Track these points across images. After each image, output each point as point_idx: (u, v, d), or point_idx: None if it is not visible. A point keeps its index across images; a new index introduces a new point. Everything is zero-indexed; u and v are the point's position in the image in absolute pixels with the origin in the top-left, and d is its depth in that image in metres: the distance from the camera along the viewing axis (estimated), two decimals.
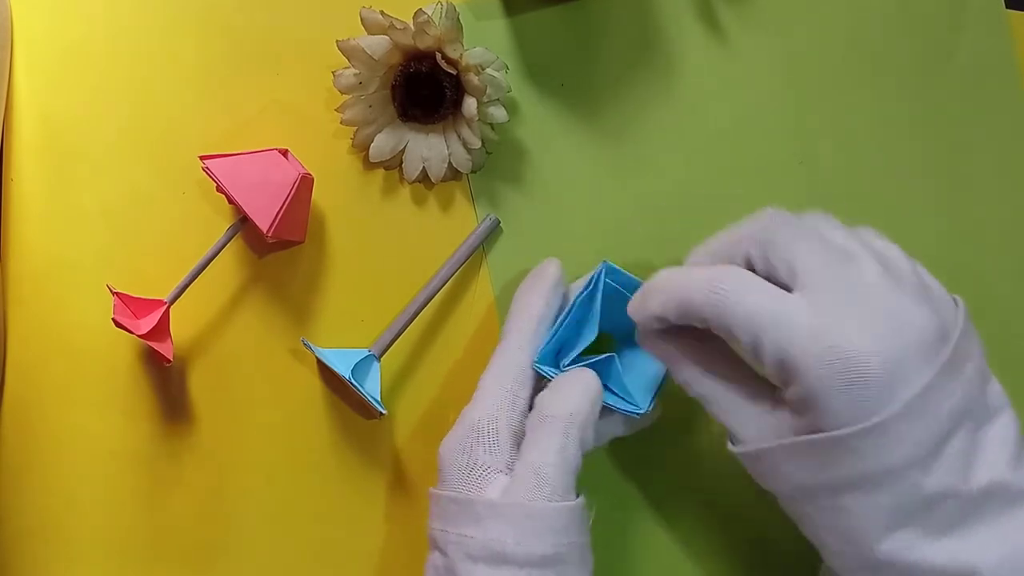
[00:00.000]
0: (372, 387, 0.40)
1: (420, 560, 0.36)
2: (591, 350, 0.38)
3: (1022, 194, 0.43)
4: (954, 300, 0.33)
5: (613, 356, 0.37)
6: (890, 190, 0.43)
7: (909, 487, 0.29)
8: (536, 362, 0.37)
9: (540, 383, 0.37)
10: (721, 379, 0.33)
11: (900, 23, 0.43)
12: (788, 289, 0.31)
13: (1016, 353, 0.42)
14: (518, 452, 0.35)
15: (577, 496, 0.34)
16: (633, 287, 0.36)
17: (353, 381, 0.38)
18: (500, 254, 0.44)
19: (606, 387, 0.37)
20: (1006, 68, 0.43)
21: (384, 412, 0.39)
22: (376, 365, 0.41)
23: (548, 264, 0.40)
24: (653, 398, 0.38)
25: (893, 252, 0.33)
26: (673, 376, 0.35)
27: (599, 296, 0.38)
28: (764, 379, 0.33)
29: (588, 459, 0.35)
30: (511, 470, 0.35)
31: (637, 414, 0.37)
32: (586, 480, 0.35)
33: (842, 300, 0.30)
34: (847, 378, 0.29)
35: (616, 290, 0.38)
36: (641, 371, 0.39)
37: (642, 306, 0.34)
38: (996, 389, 0.32)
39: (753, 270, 0.32)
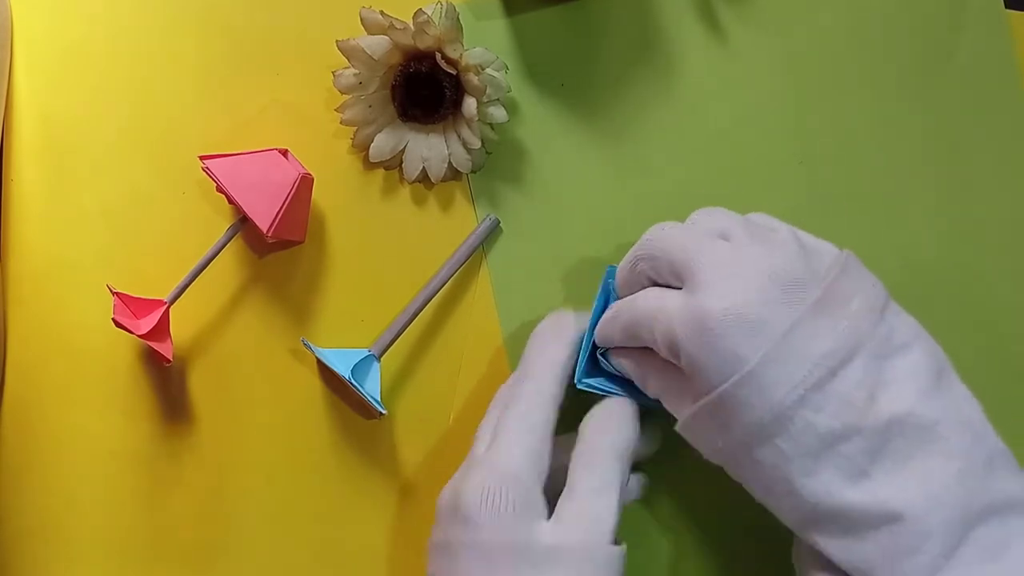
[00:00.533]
0: (372, 387, 0.40)
1: (420, 560, 0.36)
2: None
3: (1022, 194, 0.43)
4: (840, 252, 0.33)
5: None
6: (890, 190, 0.43)
7: (803, 427, 0.30)
8: (582, 380, 0.37)
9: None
10: (663, 373, 0.35)
11: (900, 23, 0.43)
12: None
13: (1016, 353, 0.42)
14: (547, 493, 0.35)
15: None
16: None
17: (353, 381, 0.38)
18: (500, 254, 0.44)
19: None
20: (1006, 68, 0.43)
21: (384, 412, 0.39)
22: (376, 365, 0.41)
23: (567, 316, 0.39)
24: None
25: (775, 225, 0.35)
26: (636, 380, 0.36)
27: (610, 303, 0.38)
28: None
29: None
30: (546, 515, 0.34)
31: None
32: None
33: (706, 271, 0.32)
34: (705, 336, 0.31)
35: None
36: None
37: (603, 337, 0.37)
38: (904, 324, 0.32)
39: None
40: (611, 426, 0.36)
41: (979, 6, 0.43)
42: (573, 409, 0.37)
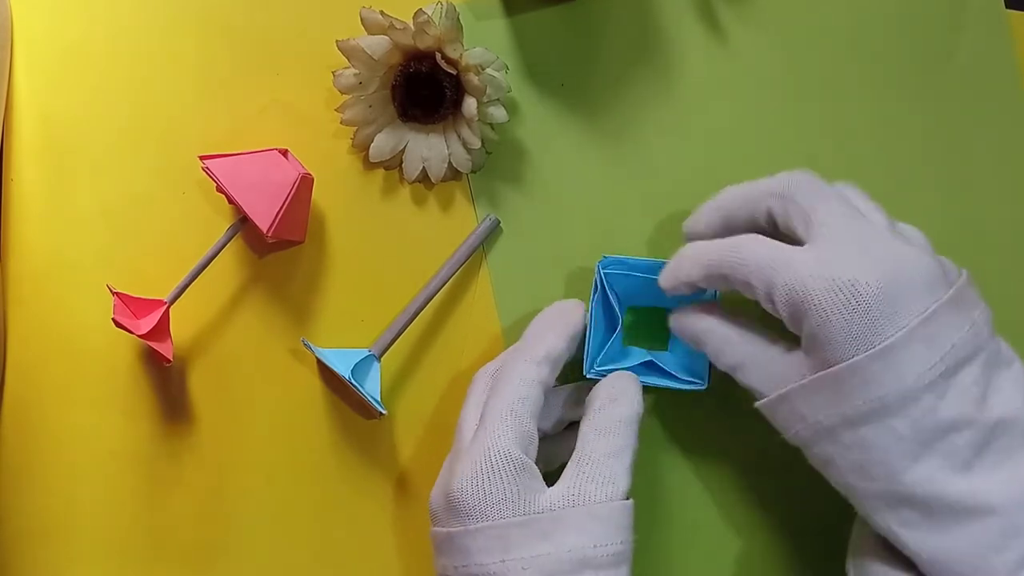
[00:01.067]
0: (372, 387, 0.40)
1: (420, 560, 0.36)
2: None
3: (1022, 194, 0.43)
4: (960, 271, 0.35)
5: (651, 359, 0.39)
6: (890, 190, 0.43)
7: (925, 411, 0.30)
8: (594, 368, 0.39)
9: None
10: (745, 344, 0.36)
11: (900, 23, 0.43)
12: (802, 244, 0.34)
13: (1017, 353, 0.42)
14: (545, 462, 0.36)
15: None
16: (635, 266, 0.39)
17: (353, 381, 0.38)
18: (500, 254, 0.44)
19: (666, 374, 0.39)
20: (1006, 68, 0.43)
21: (384, 412, 0.39)
22: (376, 365, 0.41)
23: (575, 307, 0.39)
24: (709, 372, 0.39)
25: (907, 225, 0.36)
26: (705, 350, 0.37)
27: (608, 291, 0.39)
28: (782, 337, 0.35)
29: None
30: (544, 485, 0.35)
31: (702, 389, 0.39)
32: None
33: (849, 245, 0.32)
34: (848, 303, 0.31)
35: (622, 275, 0.39)
36: (688, 352, 0.39)
37: (672, 275, 0.37)
38: (1007, 346, 0.34)
39: (774, 226, 0.35)
40: (623, 397, 0.37)
41: (979, 6, 0.43)
42: None
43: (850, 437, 0.32)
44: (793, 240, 0.34)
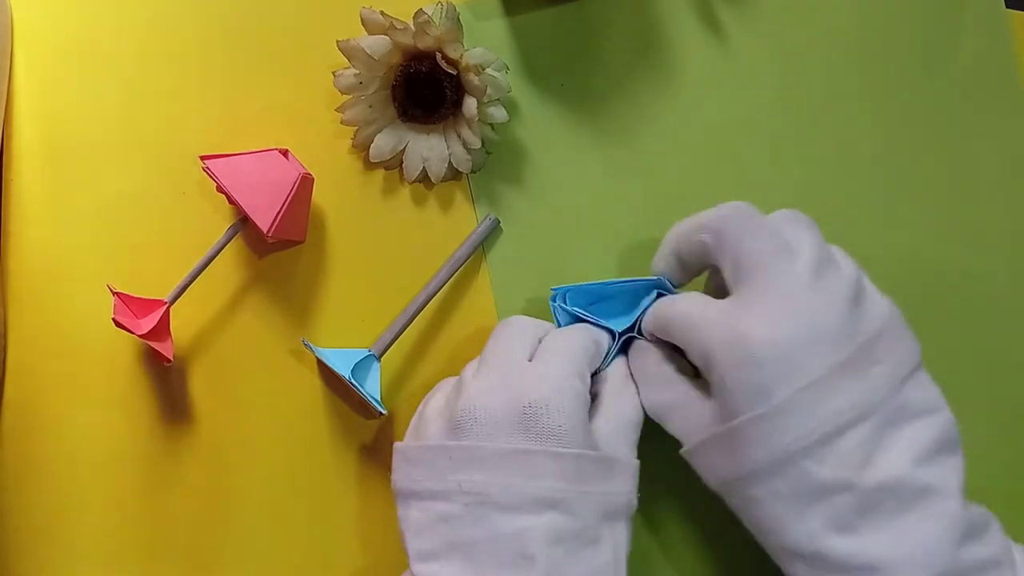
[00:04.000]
0: (372, 387, 0.40)
1: None
2: None
3: (1022, 194, 0.43)
4: (888, 310, 0.34)
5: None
6: (890, 189, 0.43)
7: (802, 475, 0.31)
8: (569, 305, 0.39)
9: None
10: (673, 393, 0.36)
11: (900, 23, 0.43)
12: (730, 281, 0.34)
13: (1016, 353, 0.42)
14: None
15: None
16: (588, 291, 0.39)
17: (353, 381, 0.38)
18: (500, 254, 0.44)
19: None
20: (1006, 68, 0.43)
21: (384, 412, 0.39)
22: (376, 365, 0.41)
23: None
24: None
25: (844, 262, 0.34)
26: (638, 386, 0.38)
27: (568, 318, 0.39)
28: (703, 386, 0.35)
29: None
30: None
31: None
32: None
33: (761, 297, 0.32)
34: (742, 359, 0.31)
35: (578, 297, 0.39)
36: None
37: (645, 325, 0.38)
38: (922, 395, 0.32)
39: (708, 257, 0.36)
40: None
41: (979, 6, 0.43)
42: None
43: (743, 493, 0.33)
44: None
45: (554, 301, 0.39)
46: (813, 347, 0.31)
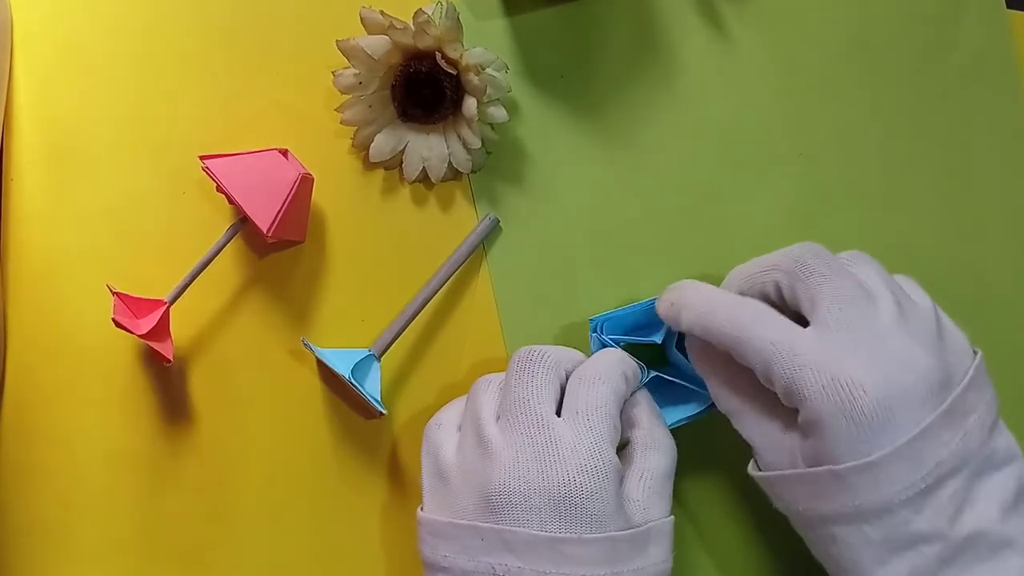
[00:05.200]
0: (372, 387, 0.40)
1: (420, 560, 0.36)
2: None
3: (1022, 194, 0.43)
4: (973, 352, 0.34)
5: (655, 374, 0.38)
6: (890, 189, 0.43)
7: (899, 523, 0.31)
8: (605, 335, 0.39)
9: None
10: (745, 397, 0.35)
11: (900, 23, 0.43)
12: (806, 321, 0.33)
13: (1016, 353, 0.42)
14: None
15: None
16: (623, 317, 0.39)
17: (353, 381, 0.38)
18: (500, 254, 0.44)
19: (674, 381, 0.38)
20: (1006, 68, 0.43)
21: (384, 412, 0.39)
22: (376, 365, 0.41)
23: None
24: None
25: (919, 297, 0.34)
26: (708, 386, 0.37)
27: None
28: (774, 400, 0.34)
29: None
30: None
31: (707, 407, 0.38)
32: None
33: (852, 338, 0.32)
34: (844, 410, 0.31)
35: (615, 324, 0.39)
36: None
37: (671, 314, 0.36)
38: (1004, 443, 0.33)
39: (781, 297, 0.35)
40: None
41: (979, 6, 0.43)
42: None
43: (825, 530, 0.33)
44: (800, 313, 0.34)
45: (594, 332, 0.39)
46: (916, 398, 0.31)
